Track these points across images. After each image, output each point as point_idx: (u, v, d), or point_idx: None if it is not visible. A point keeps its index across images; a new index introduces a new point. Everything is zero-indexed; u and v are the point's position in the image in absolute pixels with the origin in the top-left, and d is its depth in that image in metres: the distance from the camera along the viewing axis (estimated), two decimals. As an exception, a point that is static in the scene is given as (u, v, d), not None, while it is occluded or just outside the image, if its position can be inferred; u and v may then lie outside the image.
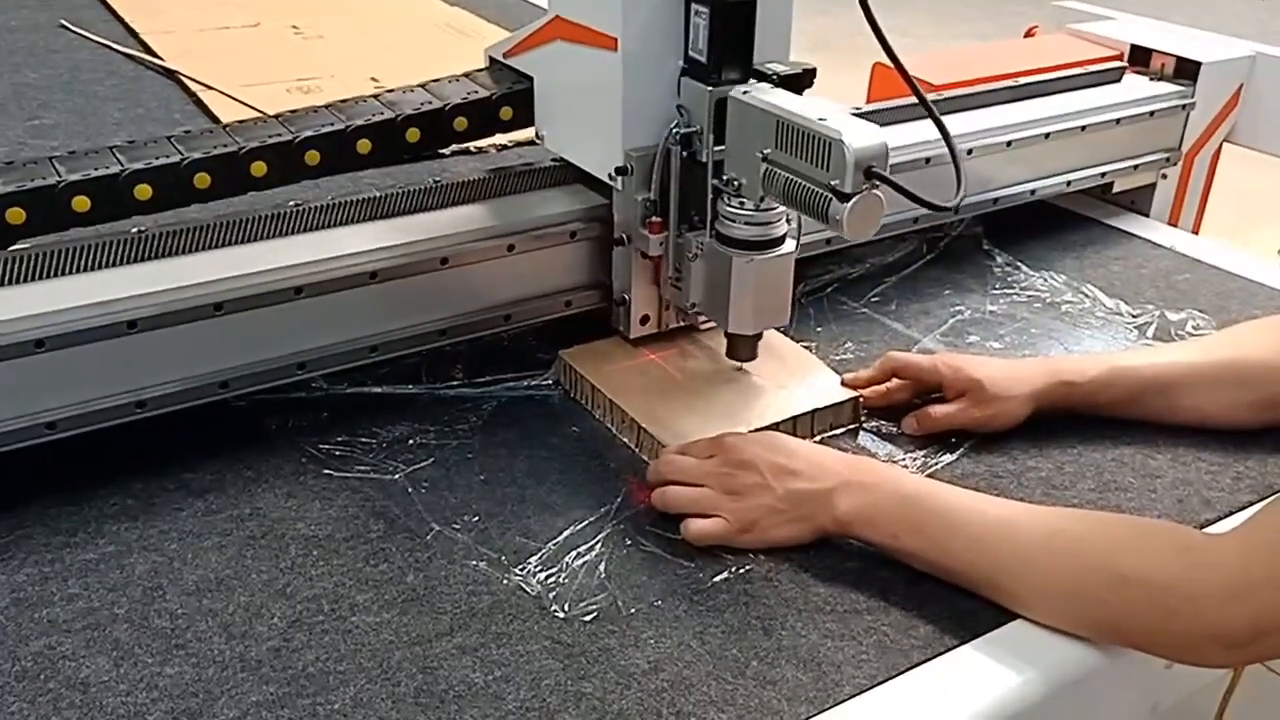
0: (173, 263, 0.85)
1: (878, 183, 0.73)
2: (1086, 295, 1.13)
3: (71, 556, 0.75)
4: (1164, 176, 1.33)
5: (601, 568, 0.75)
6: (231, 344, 0.84)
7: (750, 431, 0.85)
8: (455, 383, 0.95)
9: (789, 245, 0.87)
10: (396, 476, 0.84)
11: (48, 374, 0.78)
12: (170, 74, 1.62)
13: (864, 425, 0.92)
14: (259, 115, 0.95)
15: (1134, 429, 0.90)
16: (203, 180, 0.87)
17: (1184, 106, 1.31)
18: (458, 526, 0.79)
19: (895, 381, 0.92)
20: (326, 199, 0.92)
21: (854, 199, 0.72)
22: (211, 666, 0.66)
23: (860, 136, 0.73)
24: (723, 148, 0.84)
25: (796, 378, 0.93)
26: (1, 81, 1.57)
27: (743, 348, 0.92)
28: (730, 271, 0.85)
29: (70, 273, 0.82)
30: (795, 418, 0.88)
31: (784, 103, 0.78)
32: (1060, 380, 0.88)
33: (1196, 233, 1.38)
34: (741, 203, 0.84)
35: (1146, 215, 1.33)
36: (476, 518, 0.80)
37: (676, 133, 0.85)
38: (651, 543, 0.77)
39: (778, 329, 1.01)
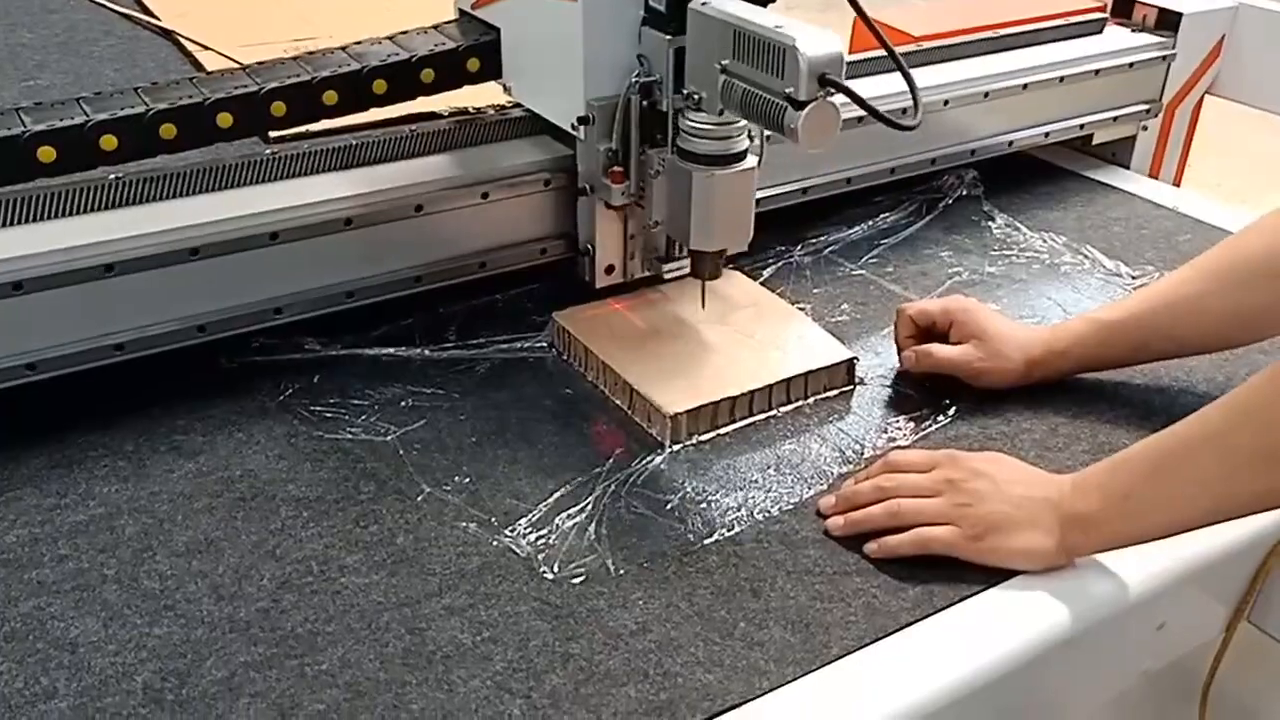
0: (149, 208, 0.87)
1: (833, 90, 0.72)
2: (1086, 256, 1.12)
3: (61, 518, 0.75)
4: (1144, 128, 1.33)
5: (591, 529, 0.74)
6: (208, 288, 0.86)
7: (760, 387, 0.85)
8: (449, 345, 0.95)
9: (750, 160, 0.86)
10: (388, 438, 0.84)
11: (27, 316, 0.80)
12: (168, 34, 1.61)
13: (858, 387, 0.91)
14: (226, 68, 0.95)
15: (1131, 389, 0.90)
16: (168, 131, 0.87)
17: (1165, 58, 1.30)
18: (448, 488, 0.78)
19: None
20: (304, 148, 0.93)
21: (809, 106, 0.72)
22: (200, 627, 0.67)
23: (815, 44, 0.72)
24: (680, 95, 0.84)
25: (790, 339, 0.93)
26: (-5, 42, 1.56)
27: (706, 264, 0.91)
28: (690, 186, 0.84)
29: (48, 218, 0.84)
30: (789, 379, 0.88)
31: (742, 12, 0.78)
32: (1055, 351, 0.88)
33: (1178, 185, 1.37)
34: (703, 117, 0.83)
35: (1127, 168, 1.33)
36: (468, 479, 0.79)
37: (637, 82, 0.85)
38: (642, 504, 0.77)
39: (768, 289, 1.01)
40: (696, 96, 0.83)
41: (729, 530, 0.75)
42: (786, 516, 0.76)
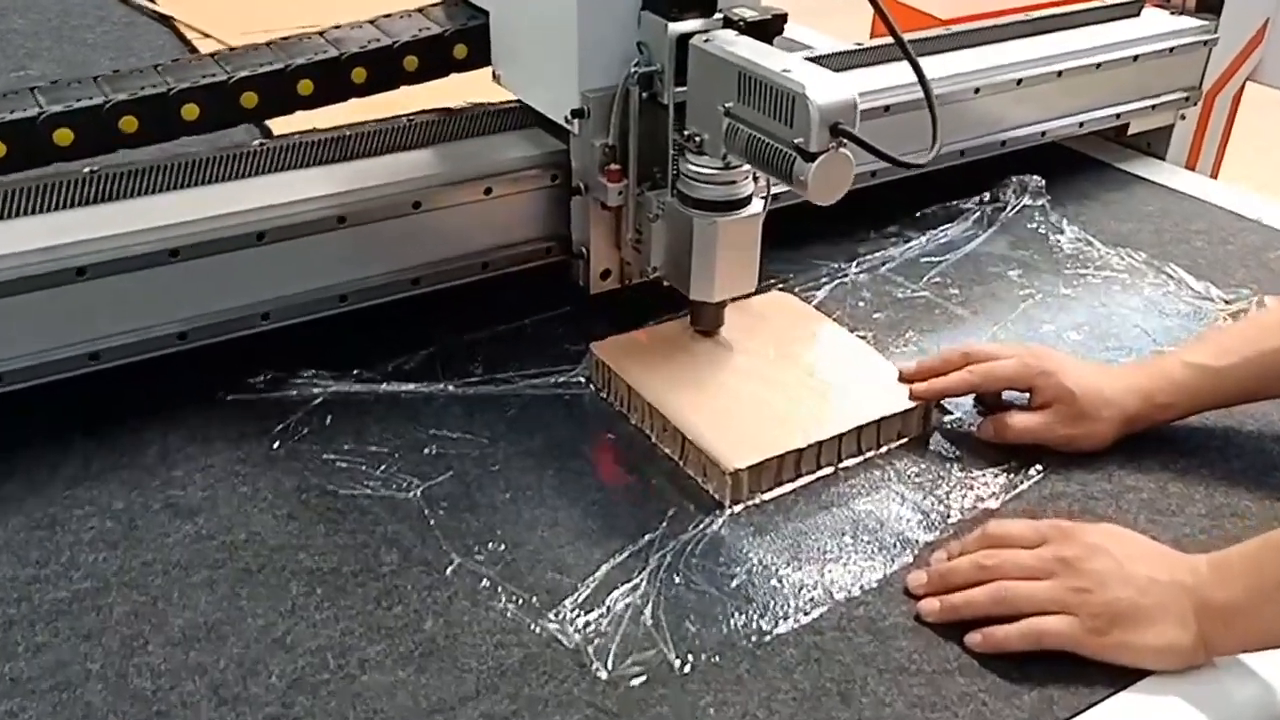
0: (125, 205, 0.79)
1: (845, 141, 0.67)
2: (1170, 276, 1.02)
3: (41, 595, 0.65)
4: (1182, 117, 1.25)
5: (648, 612, 0.65)
6: (189, 292, 0.79)
7: (829, 438, 0.76)
8: (475, 379, 0.85)
9: (756, 206, 0.80)
10: (411, 495, 0.74)
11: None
12: (165, 20, 1.51)
13: (932, 434, 0.82)
14: (192, 56, 0.86)
15: (1244, 437, 0.80)
16: (129, 124, 0.79)
17: (1206, 42, 1.22)
18: (481, 558, 0.69)
19: (964, 376, 0.80)
20: (292, 140, 0.85)
21: (820, 158, 0.67)
22: (200, 739, 0.58)
23: (826, 91, 0.67)
24: (684, 89, 0.77)
25: (857, 377, 0.83)
26: (-18, 27, 1.45)
27: (706, 316, 0.85)
28: (692, 234, 0.79)
29: (16, 215, 0.76)
30: (860, 428, 0.78)
31: (747, 52, 0.71)
32: (1156, 404, 0.77)
33: (1215, 177, 1.29)
34: (705, 161, 0.77)
35: (1163, 159, 1.26)
36: (502, 546, 0.70)
37: (636, 72, 0.78)
38: (703, 579, 0.68)
39: (833, 319, 0.91)
40: (698, 139, 0.76)
41: (806, 614, 0.65)
42: (870, 597, 0.67)
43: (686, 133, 0.78)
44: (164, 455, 0.76)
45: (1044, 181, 1.14)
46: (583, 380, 0.85)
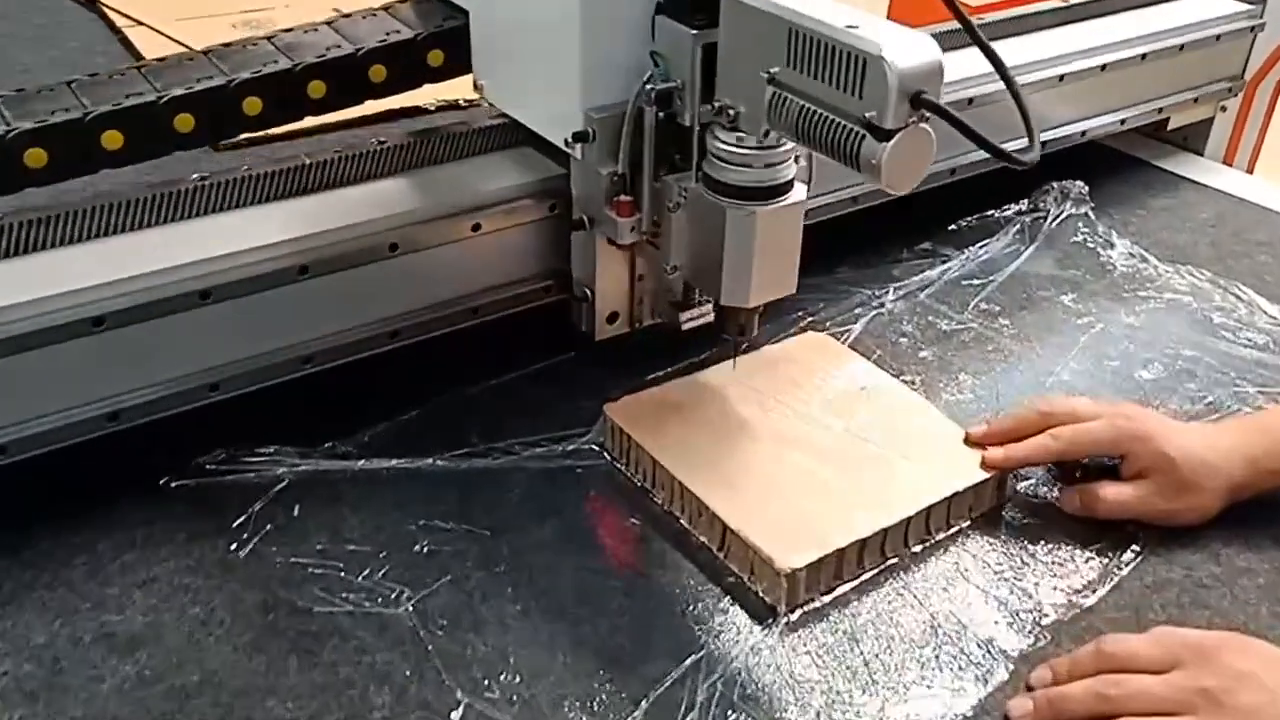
0: (33, 261, 0.65)
1: (928, 114, 0.54)
2: (1240, 298, 0.91)
3: (-60, 774, 0.52)
4: (1223, 109, 1.16)
5: (703, 769, 0.53)
6: (119, 365, 0.65)
7: (896, 523, 0.64)
8: (469, 450, 0.72)
9: (799, 192, 0.67)
10: (401, 609, 0.61)
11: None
12: (93, 5, 1.34)
13: (1004, 504, 0.70)
14: (114, 71, 0.71)
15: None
16: (36, 158, 0.65)
17: (1252, 28, 1.12)
18: (493, 695, 0.56)
19: (1047, 442, 0.70)
20: (241, 170, 0.71)
21: (897, 136, 0.54)
22: None
23: (906, 52, 0.53)
24: (712, 108, 0.63)
25: (919, 442, 0.71)
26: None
27: (739, 323, 0.72)
28: (724, 227, 0.66)
29: None
30: (929, 508, 0.67)
31: (799, 4, 0.57)
32: (1263, 469, 0.67)
33: (1251, 172, 1.20)
34: (739, 138, 0.63)
35: (1201, 154, 1.17)
36: (517, 679, 0.58)
37: (651, 89, 0.65)
38: (764, 717, 0.56)
39: (874, 360, 0.79)
40: (731, 111, 0.62)
41: (889, 764, 0.54)
42: (958, 734, 0.56)
43: (717, 103, 0.63)
44: (95, 569, 0.63)
45: (1086, 187, 1.03)
46: (595, 448, 0.73)
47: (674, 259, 0.71)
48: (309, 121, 0.77)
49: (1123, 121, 1.08)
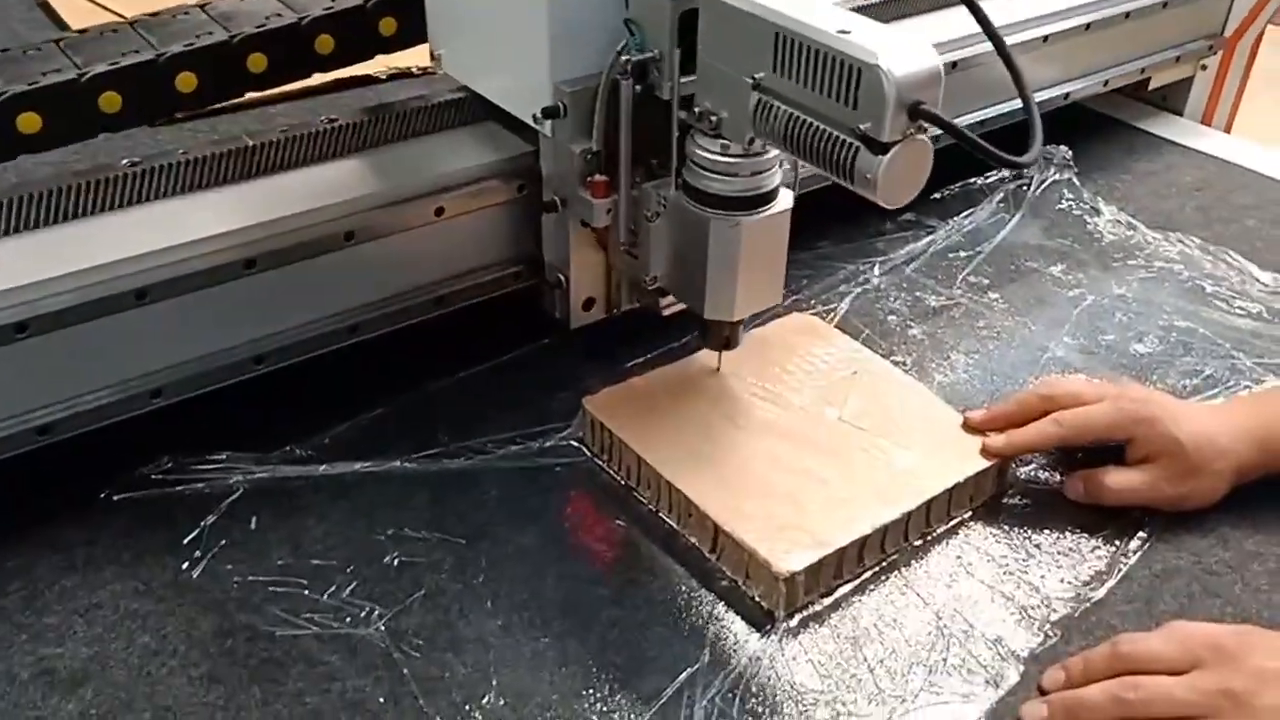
0: None
1: (926, 125, 0.51)
2: (1231, 264, 0.89)
3: None
4: (1203, 67, 1.14)
5: (706, 796, 0.50)
6: (46, 375, 0.59)
7: (896, 519, 0.60)
8: (437, 450, 0.68)
9: (785, 199, 0.63)
10: (372, 629, 0.57)
11: None
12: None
13: (1006, 491, 0.67)
14: (28, 45, 0.64)
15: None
16: None
17: None
18: (476, 721, 0.53)
19: (1050, 428, 0.67)
20: (178, 155, 0.64)
21: (893, 149, 0.50)
22: None
23: (903, 59, 0.50)
24: (691, 79, 0.60)
25: (916, 429, 0.67)
26: None
27: (720, 336, 0.69)
28: (707, 238, 0.63)
29: None
30: (930, 501, 0.63)
31: (785, 5, 0.53)
32: (1270, 450, 0.64)
33: (1229, 131, 1.18)
34: (723, 145, 0.60)
35: (1180, 114, 1.14)
36: (502, 701, 0.53)
37: (626, 59, 0.60)
38: (767, 733, 0.53)
39: (862, 341, 0.76)
40: (713, 118, 0.58)
41: (902, 783, 0.51)
42: (976, 748, 0.52)
43: (697, 109, 0.60)
44: (32, 595, 0.57)
45: (1070, 152, 1.00)
46: (574, 444, 0.69)
47: (653, 270, 0.68)
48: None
49: (1106, 82, 1.04)
